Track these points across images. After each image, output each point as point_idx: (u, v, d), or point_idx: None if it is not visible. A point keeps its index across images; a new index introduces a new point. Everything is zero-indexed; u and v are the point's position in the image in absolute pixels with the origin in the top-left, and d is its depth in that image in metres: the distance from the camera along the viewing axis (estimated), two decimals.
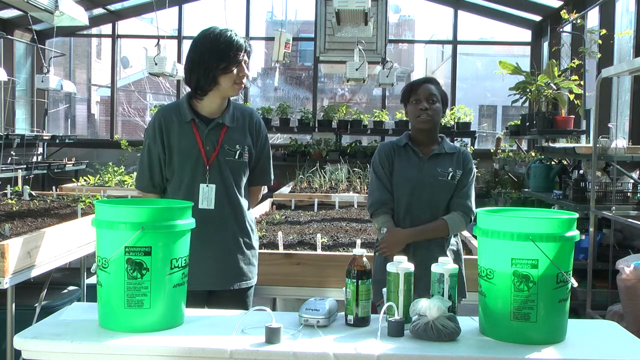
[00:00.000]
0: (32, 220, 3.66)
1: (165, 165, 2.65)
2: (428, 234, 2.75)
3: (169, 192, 2.67)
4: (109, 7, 10.10)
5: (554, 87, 6.67)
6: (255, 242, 2.76)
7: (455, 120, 9.23)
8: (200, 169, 2.61)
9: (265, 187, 2.90)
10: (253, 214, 2.85)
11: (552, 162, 6.56)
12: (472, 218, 2.81)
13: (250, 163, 2.70)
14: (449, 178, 2.78)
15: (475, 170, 2.92)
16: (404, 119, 2.99)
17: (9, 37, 9.34)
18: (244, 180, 2.70)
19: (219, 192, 2.61)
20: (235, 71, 2.58)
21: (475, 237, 2.33)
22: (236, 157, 2.64)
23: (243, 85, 2.65)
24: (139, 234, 1.96)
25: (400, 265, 2.12)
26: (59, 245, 3.31)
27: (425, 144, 2.84)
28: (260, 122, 2.77)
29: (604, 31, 6.54)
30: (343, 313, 2.14)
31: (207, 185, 2.60)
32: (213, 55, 2.55)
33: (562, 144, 6.49)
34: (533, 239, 1.92)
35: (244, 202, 2.69)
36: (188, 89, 2.71)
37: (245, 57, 2.63)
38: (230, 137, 2.64)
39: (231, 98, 2.74)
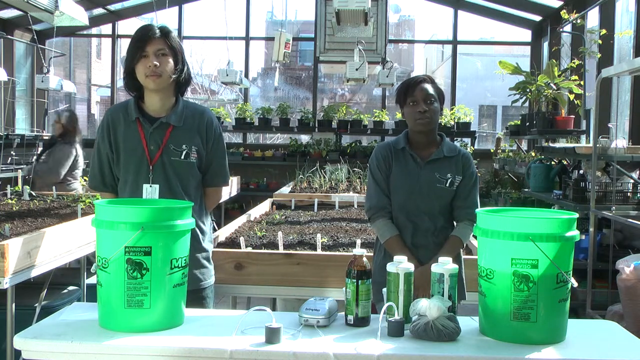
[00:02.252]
0: (32, 220, 3.66)
1: (114, 164, 2.64)
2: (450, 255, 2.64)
3: (118, 191, 2.66)
4: (109, 7, 10.10)
5: (554, 87, 6.67)
6: (208, 244, 2.71)
7: (455, 120, 9.23)
8: (144, 169, 2.58)
9: (223, 187, 2.84)
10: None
11: (552, 162, 6.56)
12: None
13: (201, 164, 2.66)
14: (447, 185, 2.73)
15: (476, 172, 2.86)
16: (404, 119, 2.94)
17: (9, 37, 9.34)
18: (193, 181, 2.65)
19: (164, 192, 2.57)
20: (142, 63, 2.53)
21: (475, 237, 2.32)
22: (182, 157, 2.59)
23: (157, 77, 2.53)
24: (139, 234, 1.96)
25: (400, 265, 2.12)
26: (59, 245, 3.31)
27: (423, 146, 2.78)
28: (212, 121, 2.69)
29: (604, 31, 6.54)
30: (343, 313, 2.14)
31: (150, 186, 2.57)
32: (127, 54, 2.58)
33: (562, 144, 6.49)
34: (533, 239, 1.92)
35: (193, 204, 2.65)
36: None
37: (155, 47, 2.53)
38: (176, 136, 2.60)
39: (184, 97, 2.70)
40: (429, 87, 2.73)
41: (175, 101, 2.66)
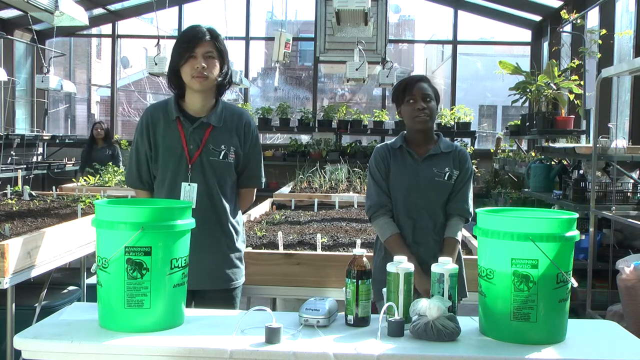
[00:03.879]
0: (32, 220, 3.66)
1: (152, 162, 2.65)
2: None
3: (155, 189, 2.68)
4: (109, 7, 10.11)
5: (554, 87, 6.67)
6: (241, 244, 2.73)
7: (455, 120, 9.23)
8: (183, 167, 2.60)
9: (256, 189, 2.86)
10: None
11: (552, 162, 6.56)
12: (470, 218, 2.79)
13: (238, 165, 2.68)
14: (446, 178, 2.75)
15: (472, 169, 2.89)
16: (401, 118, 2.97)
17: (9, 37, 9.34)
18: (229, 181, 2.67)
19: (201, 191, 2.59)
20: (189, 64, 2.55)
21: (475, 237, 2.32)
22: (221, 157, 2.61)
23: (204, 79, 2.55)
24: (139, 234, 1.96)
25: (400, 265, 2.12)
26: (59, 245, 3.31)
27: (421, 144, 2.81)
28: (250, 123, 2.73)
29: (604, 31, 6.55)
30: (343, 313, 2.14)
31: (188, 184, 2.59)
32: (174, 53, 2.59)
33: (562, 144, 6.49)
34: (533, 239, 1.92)
35: (228, 204, 2.65)
36: None
37: (204, 49, 2.55)
38: (216, 137, 2.62)
39: (223, 98, 2.73)
40: (426, 87, 2.76)
41: (215, 102, 2.68)
